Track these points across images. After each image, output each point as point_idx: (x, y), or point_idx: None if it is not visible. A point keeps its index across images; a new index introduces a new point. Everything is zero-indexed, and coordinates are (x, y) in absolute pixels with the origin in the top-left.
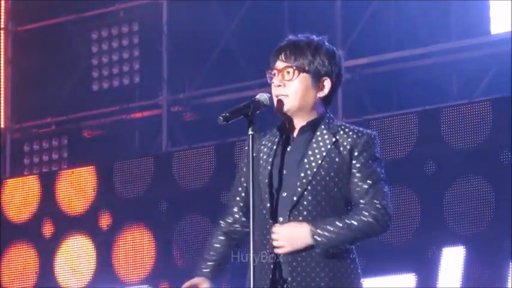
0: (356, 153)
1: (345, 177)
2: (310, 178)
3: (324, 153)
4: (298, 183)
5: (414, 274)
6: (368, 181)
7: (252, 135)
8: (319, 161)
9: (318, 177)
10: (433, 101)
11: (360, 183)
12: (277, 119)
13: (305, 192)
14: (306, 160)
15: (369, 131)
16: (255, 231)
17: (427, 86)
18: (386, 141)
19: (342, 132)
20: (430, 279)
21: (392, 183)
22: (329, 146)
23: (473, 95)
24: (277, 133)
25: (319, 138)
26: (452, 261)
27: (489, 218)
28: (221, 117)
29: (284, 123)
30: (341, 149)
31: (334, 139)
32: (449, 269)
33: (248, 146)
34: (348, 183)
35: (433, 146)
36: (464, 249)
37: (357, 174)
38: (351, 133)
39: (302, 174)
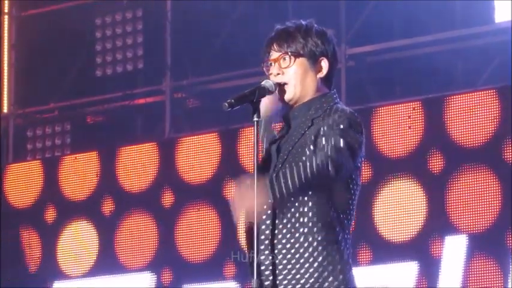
0: (321, 133)
1: None
2: (280, 166)
3: (296, 139)
4: (271, 171)
5: (416, 262)
6: (323, 141)
7: (257, 121)
8: (290, 148)
9: (287, 165)
10: (437, 89)
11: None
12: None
13: (275, 180)
14: (282, 148)
15: (346, 109)
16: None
17: (431, 74)
18: (389, 129)
19: (324, 114)
20: (432, 267)
21: (395, 171)
22: (302, 132)
23: (477, 83)
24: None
25: (302, 125)
26: (454, 249)
27: (491, 206)
28: (226, 104)
29: (288, 113)
30: (311, 135)
31: (310, 124)
32: (451, 257)
33: (253, 132)
34: None
35: (437, 134)
36: (467, 238)
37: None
38: (327, 111)
39: (276, 161)
